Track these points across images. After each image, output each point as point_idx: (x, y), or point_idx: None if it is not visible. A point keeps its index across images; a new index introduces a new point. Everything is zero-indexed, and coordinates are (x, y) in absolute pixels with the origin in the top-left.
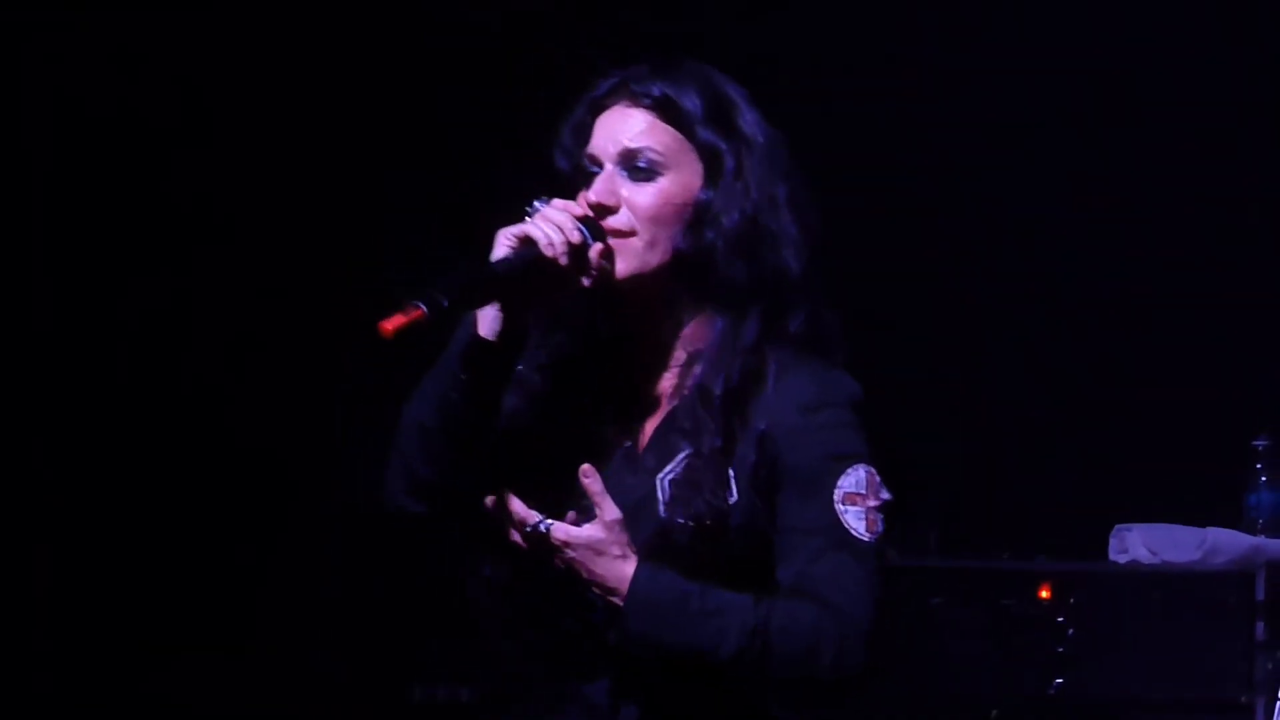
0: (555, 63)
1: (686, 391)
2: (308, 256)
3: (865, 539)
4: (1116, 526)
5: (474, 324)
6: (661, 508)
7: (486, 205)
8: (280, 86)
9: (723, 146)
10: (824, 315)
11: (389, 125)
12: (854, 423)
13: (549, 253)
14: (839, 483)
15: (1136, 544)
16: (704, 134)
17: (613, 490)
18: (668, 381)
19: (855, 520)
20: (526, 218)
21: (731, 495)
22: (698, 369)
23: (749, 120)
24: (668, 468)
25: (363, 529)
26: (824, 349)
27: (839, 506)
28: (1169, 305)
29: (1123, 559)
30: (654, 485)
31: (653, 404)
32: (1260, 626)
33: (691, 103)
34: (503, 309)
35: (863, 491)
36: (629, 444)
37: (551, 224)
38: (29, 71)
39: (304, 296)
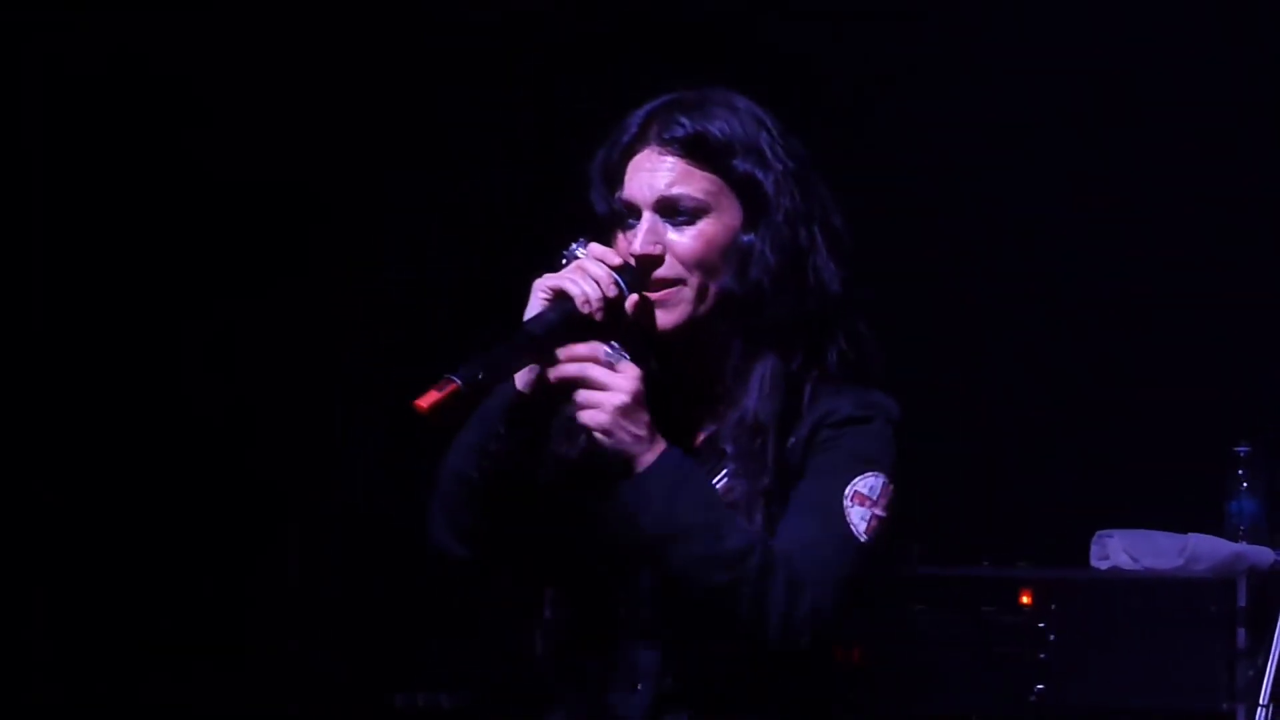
0: (555, 63)
1: (733, 420)
2: (307, 254)
3: (861, 538)
4: (1098, 533)
5: (513, 380)
6: None
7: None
8: (279, 85)
9: (758, 176)
10: (863, 337)
11: (388, 123)
12: (888, 436)
13: (585, 309)
14: (853, 480)
15: (1118, 550)
16: (737, 166)
17: None
18: (712, 407)
19: (858, 518)
20: (564, 262)
21: (772, 509)
22: (748, 403)
23: (778, 142)
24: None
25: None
26: (863, 371)
27: (846, 501)
28: (1151, 312)
29: (1104, 565)
30: None
31: (692, 428)
32: (1241, 633)
33: (720, 136)
34: (540, 367)
35: (874, 497)
36: None
37: (587, 277)
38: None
39: (304, 295)
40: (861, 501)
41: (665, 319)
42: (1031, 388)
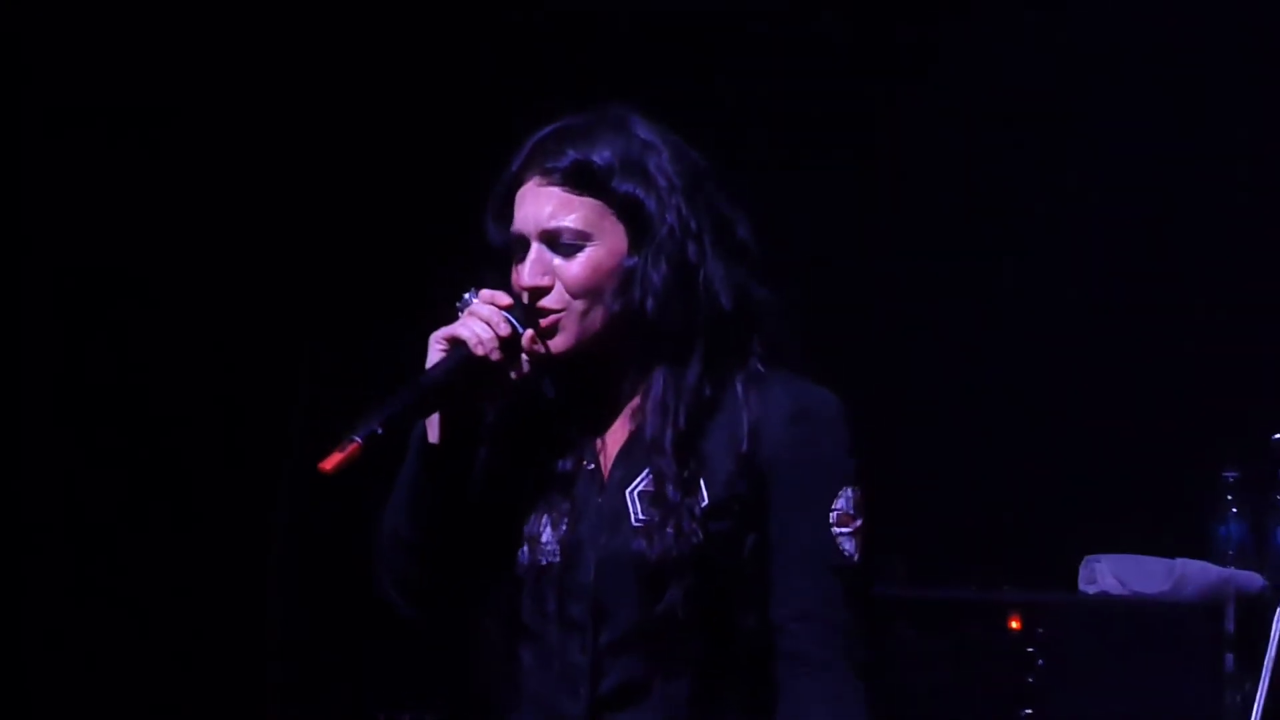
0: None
1: (637, 426)
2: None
3: (854, 560)
4: (1086, 557)
5: (424, 432)
6: (634, 519)
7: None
8: (275, 87)
9: (639, 196)
10: (776, 334)
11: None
12: (844, 439)
13: (480, 351)
14: (832, 505)
15: (1106, 574)
16: (619, 189)
17: (582, 511)
18: (624, 411)
19: (848, 544)
20: (459, 313)
21: (702, 500)
22: (647, 418)
23: (665, 161)
24: (634, 482)
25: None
26: (791, 363)
27: (834, 530)
28: (1140, 335)
29: (1092, 589)
30: (625, 499)
31: (612, 430)
32: (1229, 658)
33: (602, 163)
34: (446, 414)
35: (852, 511)
36: (590, 465)
37: (478, 320)
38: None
39: (304, 292)
40: (845, 523)
41: (558, 343)
42: (1020, 411)
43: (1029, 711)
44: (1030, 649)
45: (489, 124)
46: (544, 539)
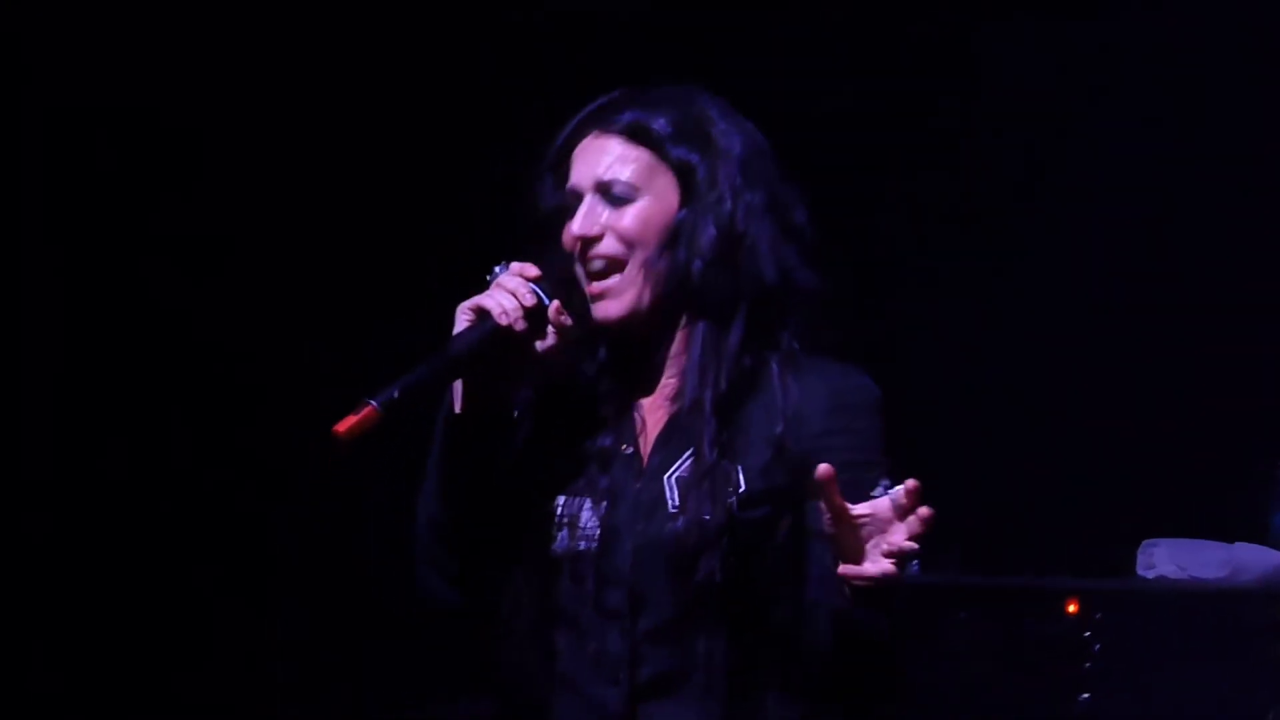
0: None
1: (681, 407)
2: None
3: None
4: (1144, 542)
5: (450, 407)
6: (671, 505)
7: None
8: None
9: (694, 160)
10: (818, 318)
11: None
12: (878, 428)
13: (504, 321)
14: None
15: (1164, 560)
16: (675, 152)
17: (620, 496)
18: (663, 391)
19: None
20: (488, 285)
21: (740, 488)
22: (689, 386)
23: (724, 132)
24: (673, 468)
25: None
26: (828, 350)
27: None
28: (1199, 321)
29: (1150, 575)
30: (662, 486)
31: (653, 411)
32: None
33: (661, 123)
34: (471, 384)
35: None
36: (629, 449)
37: (505, 291)
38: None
39: (305, 292)
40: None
41: (611, 309)
42: (1079, 397)
43: (1086, 696)
44: (1087, 634)
45: (489, 124)
46: (583, 522)
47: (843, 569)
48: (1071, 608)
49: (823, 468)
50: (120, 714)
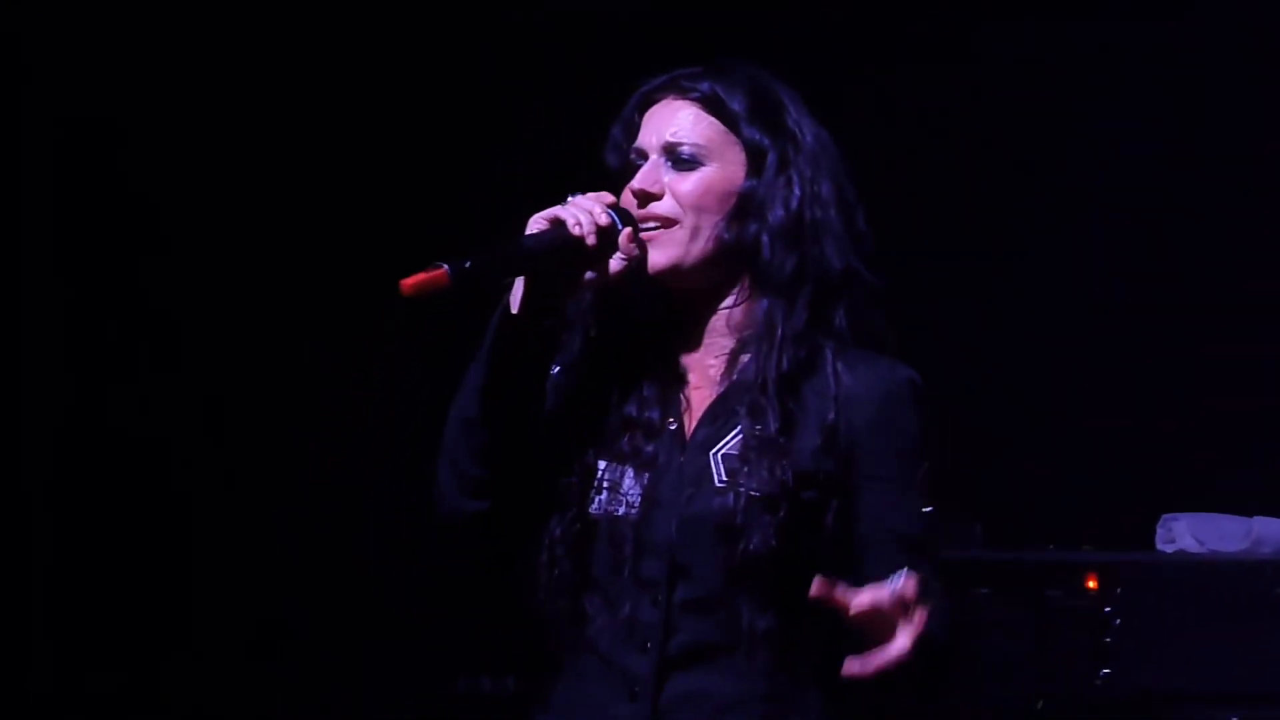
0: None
1: (736, 376)
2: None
3: (935, 539)
4: (1163, 516)
5: (507, 306)
6: (718, 480)
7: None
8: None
9: (767, 143)
10: (872, 310)
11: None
12: (923, 422)
13: (576, 231)
14: (919, 483)
15: (1183, 533)
16: (749, 131)
17: (663, 468)
18: (714, 366)
19: (929, 521)
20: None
21: (789, 472)
22: (747, 354)
23: (796, 120)
24: (721, 444)
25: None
26: (875, 344)
27: (921, 508)
28: (1218, 295)
29: (1169, 549)
30: (708, 461)
31: (699, 386)
32: None
33: (738, 102)
34: (532, 284)
35: (930, 492)
36: (674, 424)
37: (580, 208)
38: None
39: (306, 293)
40: (928, 502)
41: (656, 258)
42: (1098, 371)
43: (1107, 671)
44: (1108, 609)
45: (489, 124)
46: (625, 488)
47: (849, 667)
48: (1091, 582)
49: (816, 586)
50: (120, 714)
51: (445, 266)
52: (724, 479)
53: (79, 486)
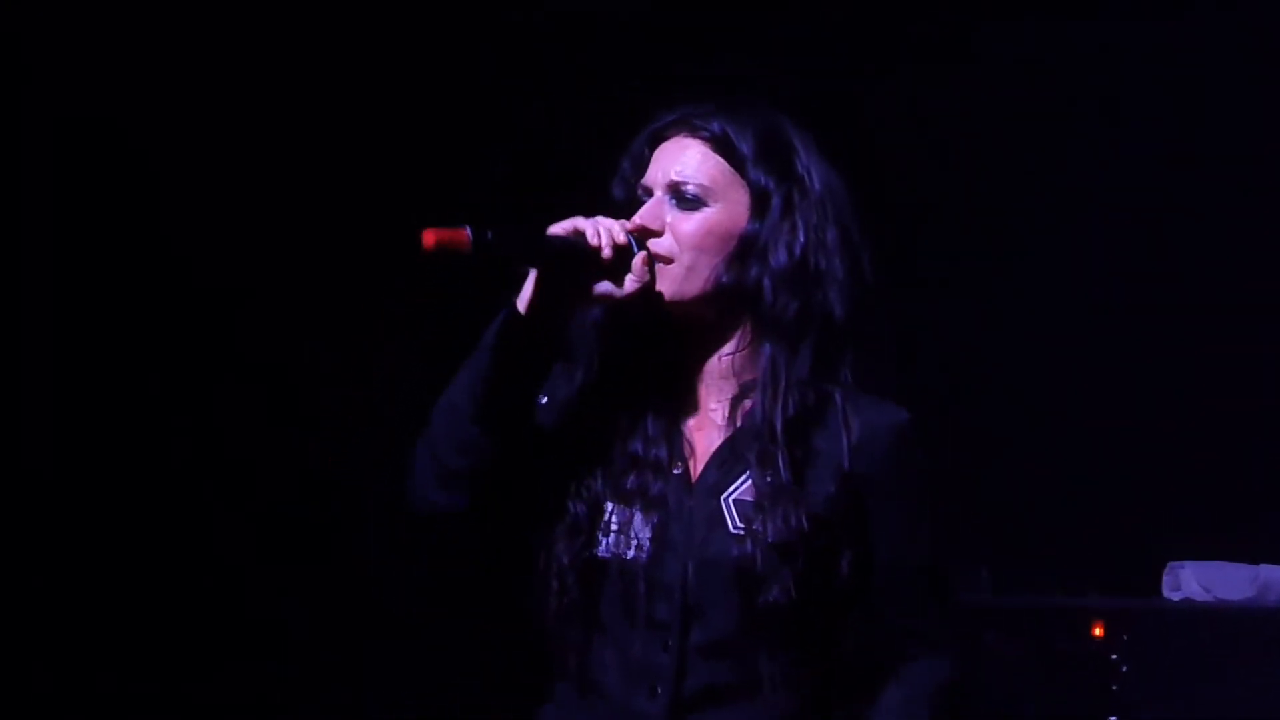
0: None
1: (741, 421)
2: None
3: (950, 580)
4: (1170, 563)
5: (513, 305)
6: (733, 526)
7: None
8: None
9: (773, 186)
10: (876, 358)
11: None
12: (930, 469)
13: (594, 242)
14: (933, 525)
15: (1190, 581)
16: (755, 173)
17: (673, 511)
18: (715, 410)
19: (943, 561)
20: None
21: (805, 520)
22: (751, 399)
23: (806, 164)
24: (731, 489)
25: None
26: (880, 389)
27: (934, 549)
28: (1223, 340)
29: (1176, 596)
30: (719, 505)
31: (701, 428)
32: None
33: (748, 143)
34: (542, 285)
35: (941, 533)
36: (680, 467)
37: (601, 224)
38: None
39: (307, 298)
40: (941, 543)
41: (659, 288)
42: (1105, 418)
43: (1114, 718)
44: (1114, 656)
45: (489, 124)
46: (634, 530)
47: None
48: (1098, 629)
49: None
50: (120, 714)
51: (467, 229)
52: (739, 525)
53: (79, 487)
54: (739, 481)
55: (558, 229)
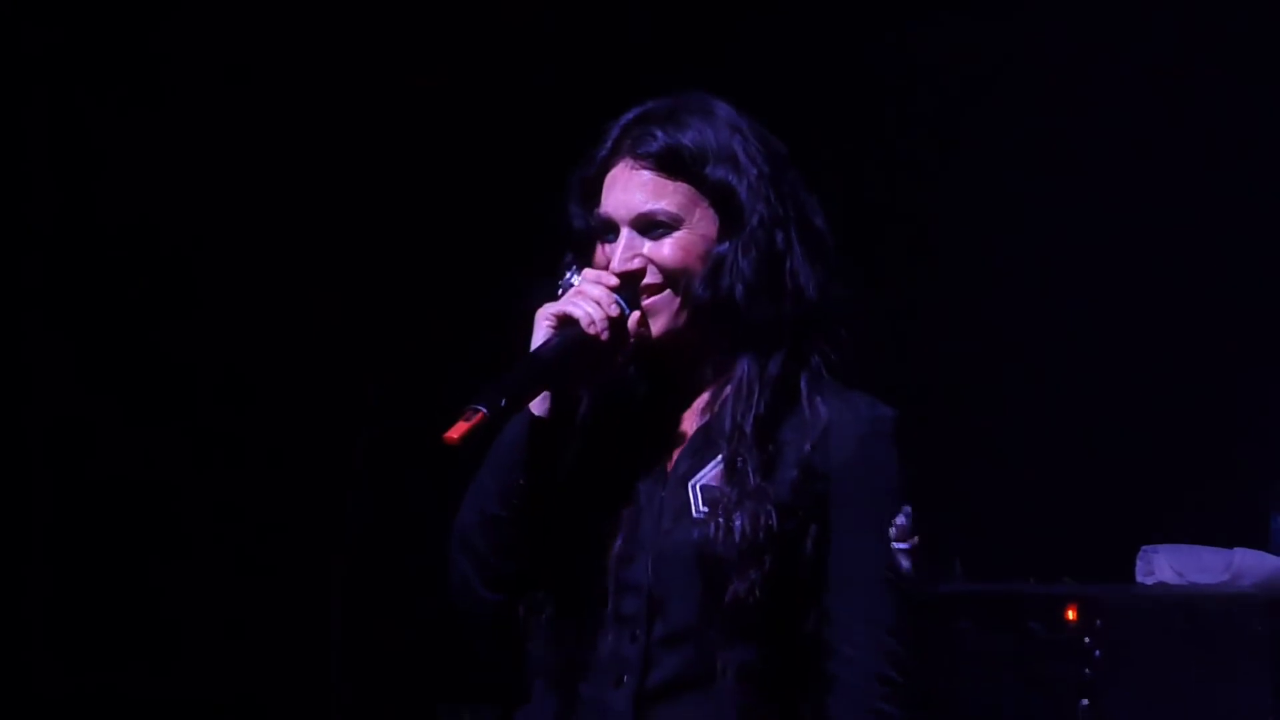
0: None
1: (717, 411)
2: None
3: (911, 576)
4: (1143, 548)
5: (531, 415)
6: (695, 511)
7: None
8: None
9: (731, 183)
10: (843, 340)
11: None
12: (898, 456)
13: (591, 330)
14: (895, 521)
15: (1163, 565)
16: (711, 175)
17: (645, 505)
18: (696, 406)
19: (904, 559)
20: (560, 292)
21: (773, 515)
22: (727, 393)
23: (749, 147)
24: (699, 474)
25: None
26: (845, 376)
27: (893, 545)
28: (1196, 325)
29: (1149, 581)
30: (686, 492)
31: (682, 427)
32: None
33: (693, 147)
34: (556, 391)
35: (909, 524)
36: (659, 466)
37: (590, 300)
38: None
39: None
40: (904, 539)
41: (655, 327)
42: (1076, 402)
43: (1086, 703)
44: (1087, 640)
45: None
46: (606, 527)
47: None
48: (1071, 614)
49: None
50: (120, 714)
51: (483, 410)
52: (703, 509)
53: (79, 487)
54: (708, 468)
55: (547, 324)
